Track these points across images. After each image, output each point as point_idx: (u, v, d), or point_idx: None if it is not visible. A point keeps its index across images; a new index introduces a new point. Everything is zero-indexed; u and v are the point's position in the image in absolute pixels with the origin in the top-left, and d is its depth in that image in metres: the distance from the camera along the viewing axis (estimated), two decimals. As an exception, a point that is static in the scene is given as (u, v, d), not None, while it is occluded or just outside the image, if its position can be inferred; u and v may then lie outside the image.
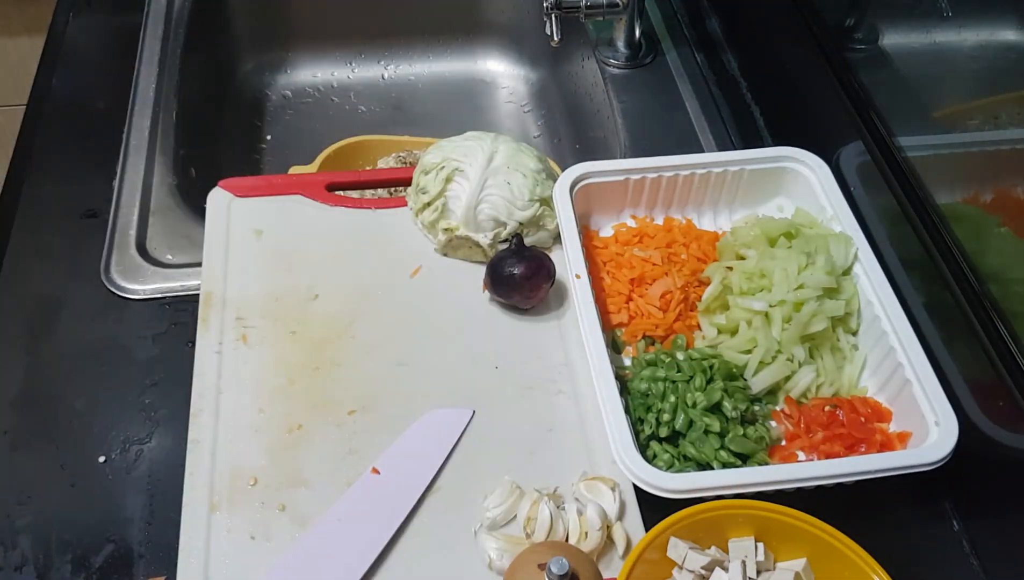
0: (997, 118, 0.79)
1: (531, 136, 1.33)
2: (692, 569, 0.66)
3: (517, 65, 1.40)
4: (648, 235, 0.93)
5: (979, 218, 0.79)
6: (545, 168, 0.91)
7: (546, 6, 1.08)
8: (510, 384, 0.82)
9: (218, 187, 0.95)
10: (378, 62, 1.40)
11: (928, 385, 0.76)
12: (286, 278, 0.88)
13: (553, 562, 0.62)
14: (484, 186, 0.88)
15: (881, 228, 0.89)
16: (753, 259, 0.87)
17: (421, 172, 0.92)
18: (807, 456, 0.78)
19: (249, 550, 0.70)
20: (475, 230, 0.88)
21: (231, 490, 0.74)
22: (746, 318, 0.84)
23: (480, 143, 0.90)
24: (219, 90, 1.30)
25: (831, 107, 0.96)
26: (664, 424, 0.77)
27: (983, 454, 0.76)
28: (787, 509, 0.67)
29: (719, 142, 1.08)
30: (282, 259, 0.90)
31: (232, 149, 1.25)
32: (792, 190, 0.95)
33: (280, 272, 0.89)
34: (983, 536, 0.77)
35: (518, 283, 0.84)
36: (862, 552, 0.65)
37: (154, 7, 1.22)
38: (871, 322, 0.83)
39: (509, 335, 0.86)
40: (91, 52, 1.17)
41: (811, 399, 0.82)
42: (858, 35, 0.99)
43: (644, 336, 0.86)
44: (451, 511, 0.74)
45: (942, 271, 0.80)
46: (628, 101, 1.14)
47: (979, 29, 0.81)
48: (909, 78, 0.92)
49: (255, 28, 1.35)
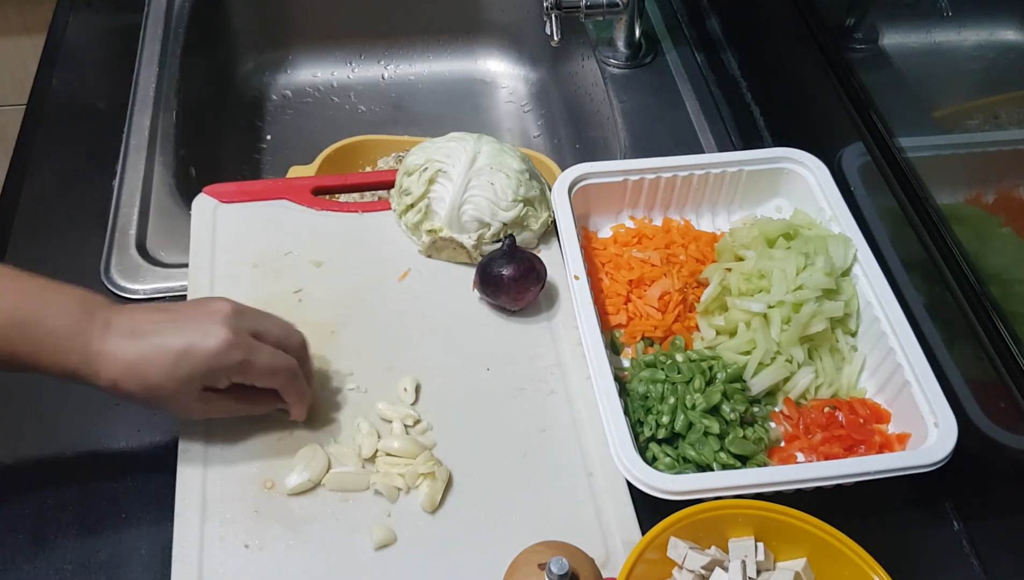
0: (997, 118, 0.79)
1: (531, 136, 1.33)
2: (692, 569, 0.66)
3: (517, 65, 1.40)
4: (647, 236, 0.93)
5: (981, 218, 0.79)
6: (529, 168, 0.91)
7: (546, 6, 1.08)
8: (502, 385, 0.82)
9: (203, 193, 0.94)
10: (378, 62, 1.40)
11: (927, 386, 0.76)
12: (273, 283, 0.87)
13: (553, 562, 0.62)
14: (467, 187, 0.88)
15: (882, 229, 0.89)
16: (752, 260, 0.87)
17: (404, 173, 0.91)
18: (806, 457, 0.78)
19: (243, 558, 0.70)
20: (459, 231, 0.88)
21: (223, 498, 0.73)
22: (745, 319, 0.84)
23: (463, 144, 0.90)
24: (219, 90, 1.30)
25: (831, 107, 0.96)
26: (663, 426, 0.77)
27: (983, 455, 0.76)
28: (787, 509, 0.67)
29: (719, 142, 1.08)
30: (268, 264, 0.89)
31: (232, 149, 1.25)
32: (790, 191, 0.95)
33: (267, 277, 0.88)
34: (983, 536, 0.77)
35: (506, 284, 0.84)
36: (862, 552, 0.65)
37: (154, 7, 1.22)
38: (870, 323, 0.83)
39: (500, 336, 0.86)
40: (91, 52, 1.17)
41: (810, 400, 0.82)
42: (858, 35, 0.99)
43: (643, 337, 0.86)
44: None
45: (942, 272, 0.80)
46: (628, 101, 1.14)
47: (979, 29, 0.81)
48: (909, 78, 0.92)
49: (255, 28, 1.35)
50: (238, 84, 1.34)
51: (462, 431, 0.79)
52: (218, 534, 0.71)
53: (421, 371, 0.83)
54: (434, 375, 0.83)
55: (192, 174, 1.06)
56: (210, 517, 0.72)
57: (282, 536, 0.72)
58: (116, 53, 1.16)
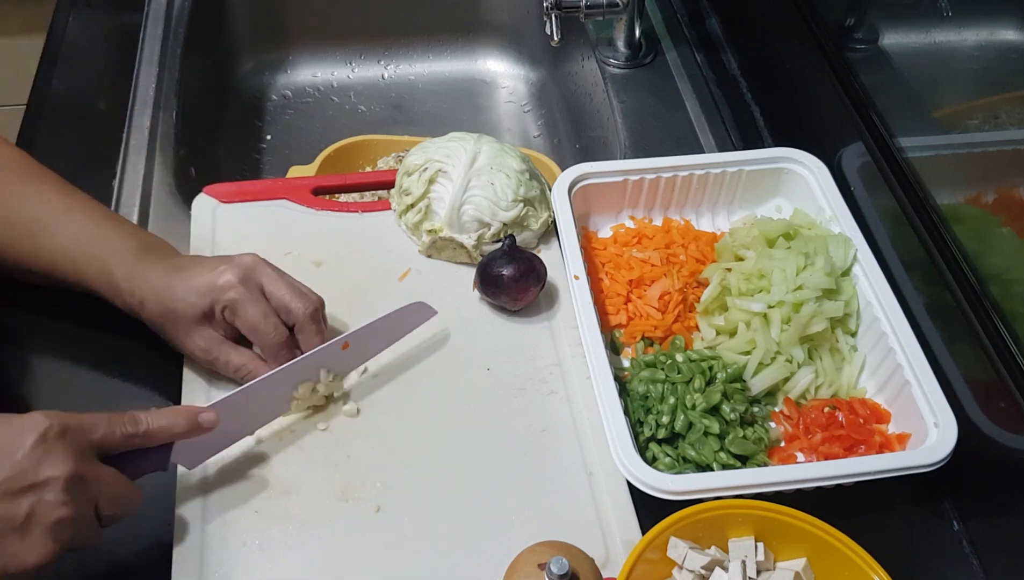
0: (997, 118, 0.79)
1: (531, 136, 1.33)
2: (692, 569, 0.66)
3: (517, 65, 1.40)
4: (647, 236, 0.93)
5: (981, 218, 0.79)
6: (529, 168, 0.91)
7: (546, 6, 1.08)
8: (502, 385, 0.82)
9: (203, 193, 0.94)
10: (378, 62, 1.40)
11: (927, 386, 0.76)
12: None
13: (553, 562, 0.62)
14: (467, 187, 0.88)
15: (882, 229, 0.89)
16: (752, 260, 0.87)
17: (404, 173, 0.91)
18: (806, 457, 0.78)
19: (243, 558, 0.70)
20: (459, 231, 0.88)
21: (223, 497, 0.73)
22: (745, 319, 0.84)
23: (463, 144, 0.90)
24: (219, 90, 1.30)
25: (831, 107, 0.96)
26: (663, 426, 0.77)
27: (983, 455, 0.76)
28: (787, 509, 0.67)
29: (719, 142, 1.08)
30: (268, 265, 0.89)
31: (232, 149, 1.25)
32: (790, 191, 0.95)
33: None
34: (983, 536, 0.77)
35: (506, 284, 0.84)
36: (862, 552, 0.65)
37: (154, 7, 1.22)
38: (870, 323, 0.83)
39: (500, 337, 0.86)
40: (91, 52, 1.17)
41: (810, 400, 0.82)
42: (858, 35, 0.99)
43: (643, 337, 0.86)
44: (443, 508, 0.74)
45: (942, 272, 0.80)
46: (628, 101, 1.14)
47: (979, 29, 0.81)
48: (909, 78, 0.92)
49: (255, 28, 1.35)
50: (238, 84, 1.34)
51: (462, 431, 0.79)
52: (218, 534, 0.71)
53: (421, 371, 0.83)
54: (434, 375, 0.83)
55: (192, 174, 1.06)
56: (210, 517, 0.72)
57: (282, 536, 0.72)
58: (116, 53, 1.16)
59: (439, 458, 0.77)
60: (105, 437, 0.64)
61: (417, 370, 0.83)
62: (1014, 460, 0.74)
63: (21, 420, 0.60)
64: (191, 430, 0.68)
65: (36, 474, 0.59)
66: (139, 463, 0.67)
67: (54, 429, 0.60)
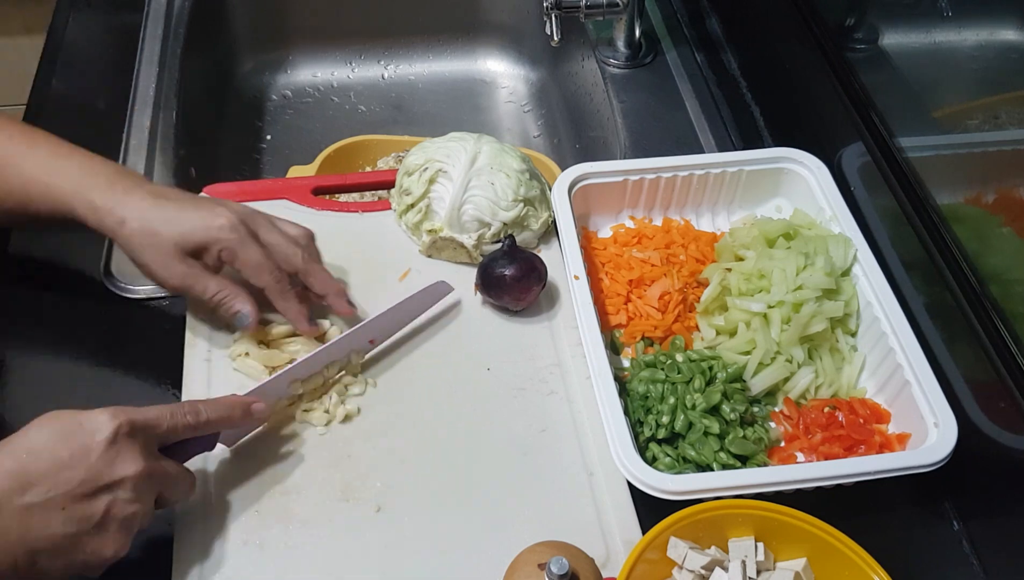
0: (997, 118, 0.79)
1: (531, 136, 1.33)
2: (692, 569, 0.66)
3: (517, 65, 1.40)
4: (647, 236, 0.93)
5: (981, 218, 0.79)
6: (529, 168, 0.91)
7: (546, 6, 1.08)
8: (502, 385, 0.82)
9: (203, 193, 0.94)
10: (378, 62, 1.40)
11: (927, 386, 0.76)
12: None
13: (553, 562, 0.62)
14: (468, 187, 0.88)
15: (882, 229, 0.89)
16: (752, 260, 0.87)
17: (404, 173, 0.91)
18: (806, 457, 0.79)
19: (243, 557, 0.70)
20: (459, 231, 0.88)
21: (223, 496, 0.73)
22: (745, 319, 0.84)
23: (463, 144, 0.90)
24: (219, 90, 1.30)
25: (831, 107, 0.96)
26: (663, 426, 0.77)
27: (983, 455, 0.76)
28: (787, 509, 0.67)
29: (719, 142, 1.08)
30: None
31: (232, 149, 1.25)
32: (790, 191, 0.95)
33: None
34: (983, 536, 0.77)
35: (508, 285, 0.84)
36: (862, 552, 0.65)
37: (154, 7, 1.22)
38: (870, 323, 0.83)
39: (500, 337, 0.86)
40: (91, 52, 1.17)
41: (810, 400, 0.82)
42: (858, 35, 0.99)
43: (643, 337, 0.86)
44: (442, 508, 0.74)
45: (942, 272, 0.80)
46: (628, 101, 1.14)
47: (979, 29, 0.81)
48: (909, 78, 0.92)
49: (255, 28, 1.35)
50: (238, 84, 1.34)
51: (462, 431, 0.79)
52: (219, 533, 0.71)
53: (421, 371, 0.83)
54: (434, 375, 0.83)
55: (192, 174, 1.06)
56: (211, 516, 0.72)
57: (282, 535, 0.72)
58: (116, 53, 1.16)
59: (439, 458, 0.77)
60: (169, 431, 0.67)
61: (417, 370, 0.83)
62: (1014, 460, 0.74)
63: (91, 421, 0.62)
64: (244, 419, 0.72)
65: (111, 474, 0.62)
66: (191, 447, 0.70)
67: (123, 428, 0.63)
